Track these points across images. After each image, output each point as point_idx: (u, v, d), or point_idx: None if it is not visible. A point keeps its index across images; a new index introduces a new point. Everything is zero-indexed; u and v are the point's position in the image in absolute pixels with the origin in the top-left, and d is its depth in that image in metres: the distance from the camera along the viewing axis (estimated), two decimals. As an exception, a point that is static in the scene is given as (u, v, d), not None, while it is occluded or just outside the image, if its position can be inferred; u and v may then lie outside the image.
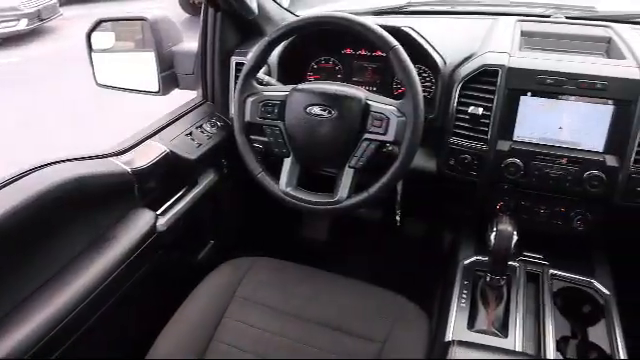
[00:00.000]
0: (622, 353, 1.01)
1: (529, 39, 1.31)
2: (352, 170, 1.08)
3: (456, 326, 1.06)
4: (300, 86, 1.11)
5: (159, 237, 1.20)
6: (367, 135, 1.05)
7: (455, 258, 1.24)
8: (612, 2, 1.57)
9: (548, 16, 1.47)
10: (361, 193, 1.07)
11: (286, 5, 2.00)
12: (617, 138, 1.07)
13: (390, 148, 1.13)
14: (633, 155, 1.06)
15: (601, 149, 1.09)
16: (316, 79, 1.45)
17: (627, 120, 1.06)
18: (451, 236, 1.37)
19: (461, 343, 0.83)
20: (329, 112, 1.06)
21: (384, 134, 1.04)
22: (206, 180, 1.39)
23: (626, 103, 1.05)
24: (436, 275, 1.34)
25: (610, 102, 1.07)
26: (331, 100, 1.06)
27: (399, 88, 1.38)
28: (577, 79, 1.08)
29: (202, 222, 1.45)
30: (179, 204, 1.29)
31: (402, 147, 1.03)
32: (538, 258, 1.22)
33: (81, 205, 1.05)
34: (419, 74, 1.31)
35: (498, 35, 1.27)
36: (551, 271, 1.19)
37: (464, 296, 1.12)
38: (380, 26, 1.08)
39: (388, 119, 1.03)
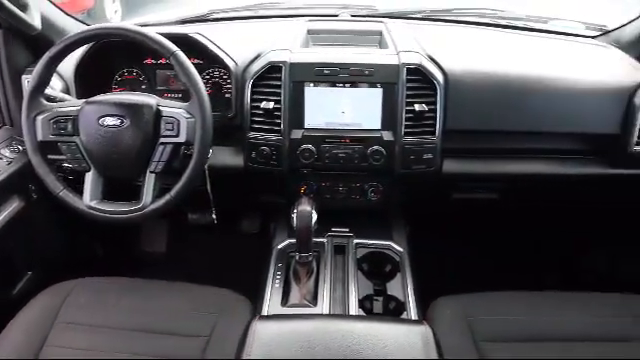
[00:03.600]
0: (411, 298, 1.17)
1: (316, 36, 1.45)
2: (153, 175, 1.10)
3: (270, 305, 1.14)
4: (91, 99, 1.11)
5: None
6: (162, 139, 1.09)
7: (271, 244, 1.32)
8: (391, 1, 1.79)
9: (336, 15, 1.64)
10: (164, 196, 1.10)
11: (120, 15, 1.93)
12: (389, 116, 1.24)
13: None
14: (403, 129, 1.23)
15: (379, 127, 1.25)
16: (121, 91, 1.44)
17: (393, 100, 1.23)
18: (273, 225, 1.45)
19: (262, 317, 0.90)
20: (122, 122, 1.08)
21: (177, 136, 1.09)
22: (9, 208, 1.30)
23: (390, 85, 1.23)
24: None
25: (378, 85, 1.23)
26: (123, 110, 1.08)
27: None
28: (349, 68, 1.23)
29: (12, 253, 1.36)
30: None
31: (195, 147, 1.08)
32: (344, 231, 1.35)
33: None
34: (220, 77, 1.38)
35: (284, 35, 1.39)
36: (355, 241, 1.33)
37: (278, 277, 1.21)
38: (167, 34, 1.13)
39: (178, 121, 1.08)
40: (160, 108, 1.09)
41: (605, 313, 1.18)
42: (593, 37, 1.59)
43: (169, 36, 1.14)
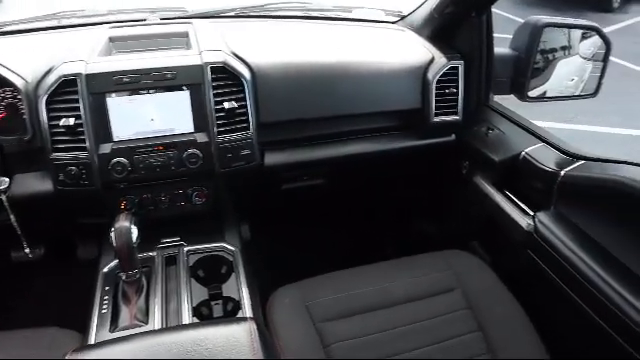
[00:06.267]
0: (245, 295, 1.18)
1: (120, 43, 1.38)
2: None
3: (98, 334, 1.06)
4: None
5: None
6: None
7: (96, 268, 1.24)
8: (201, 2, 1.76)
9: (144, 20, 1.57)
10: None
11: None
12: (200, 117, 1.23)
13: None
14: (216, 129, 1.23)
15: (191, 129, 1.23)
16: None
17: (202, 100, 1.21)
18: (98, 248, 1.36)
19: (75, 351, 0.83)
20: None
21: None
22: None
23: (196, 86, 1.21)
24: None
25: (185, 88, 1.21)
26: None
27: None
28: (150, 73, 1.19)
29: None
30: None
31: None
32: (175, 241, 1.32)
33: None
34: (13, 97, 1.23)
35: (82, 44, 1.30)
36: (186, 248, 1.29)
37: (105, 301, 1.13)
38: None
39: None
40: None
41: (430, 271, 1.30)
42: (393, 22, 1.72)
43: None
